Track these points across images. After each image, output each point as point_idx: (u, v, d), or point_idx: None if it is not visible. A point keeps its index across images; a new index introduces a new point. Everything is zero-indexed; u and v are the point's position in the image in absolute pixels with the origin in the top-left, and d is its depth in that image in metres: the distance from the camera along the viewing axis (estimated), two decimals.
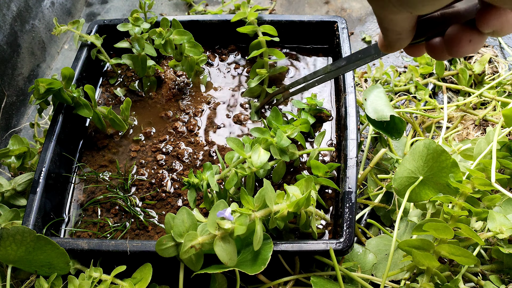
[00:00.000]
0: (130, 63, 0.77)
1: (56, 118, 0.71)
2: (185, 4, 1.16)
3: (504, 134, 0.65)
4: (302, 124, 0.68)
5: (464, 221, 0.58)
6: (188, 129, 0.76)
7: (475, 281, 0.62)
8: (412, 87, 0.87)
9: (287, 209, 0.53)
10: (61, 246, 0.57)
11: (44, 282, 0.57)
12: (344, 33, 0.78)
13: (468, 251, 0.53)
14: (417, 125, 0.82)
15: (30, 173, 0.74)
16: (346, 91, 0.70)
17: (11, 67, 0.90)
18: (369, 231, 0.72)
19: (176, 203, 0.69)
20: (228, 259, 0.49)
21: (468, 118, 0.84)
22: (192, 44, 0.76)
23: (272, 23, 0.82)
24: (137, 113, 0.79)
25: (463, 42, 0.29)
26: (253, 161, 0.59)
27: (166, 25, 0.75)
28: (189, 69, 0.78)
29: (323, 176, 0.64)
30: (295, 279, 0.60)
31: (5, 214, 0.67)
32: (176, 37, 0.74)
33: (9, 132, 0.89)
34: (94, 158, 0.75)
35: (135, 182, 0.71)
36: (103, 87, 0.83)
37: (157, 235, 0.66)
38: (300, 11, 1.12)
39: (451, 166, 0.58)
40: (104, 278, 0.57)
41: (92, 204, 0.70)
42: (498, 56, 0.95)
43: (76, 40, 0.78)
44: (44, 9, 1.01)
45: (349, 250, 0.56)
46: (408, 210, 0.68)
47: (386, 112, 0.65)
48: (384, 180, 0.76)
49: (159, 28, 0.73)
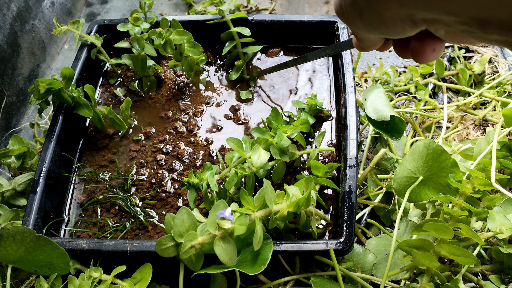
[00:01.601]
0: (130, 63, 0.77)
1: (56, 118, 0.71)
2: (185, 4, 1.16)
3: (504, 134, 0.65)
4: (302, 124, 0.68)
5: (464, 221, 0.58)
6: (188, 129, 0.76)
7: (475, 281, 0.62)
8: (412, 87, 0.87)
9: (287, 209, 0.53)
10: (61, 246, 0.57)
11: (44, 282, 0.57)
12: (344, 33, 0.78)
13: (468, 251, 0.53)
14: (417, 125, 0.82)
15: (30, 173, 0.74)
16: (346, 91, 0.70)
17: (11, 67, 0.90)
18: (369, 231, 0.72)
19: (176, 203, 0.69)
20: (228, 259, 0.49)
21: (468, 118, 0.84)
22: (192, 44, 0.76)
23: (272, 23, 0.82)
24: (137, 113, 0.79)
25: (427, 51, 0.30)
26: (253, 161, 0.59)
27: (166, 25, 0.75)
28: (189, 69, 0.78)
29: (323, 176, 0.64)
30: (295, 279, 0.60)
31: (5, 214, 0.67)
32: (175, 37, 0.74)
33: (9, 132, 0.89)
34: (94, 158, 0.75)
35: (135, 182, 0.71)
36: (103, 87, 0.83)
37: (157, 235, 0.66)
38: (300, 11, 1.12)
39: (451, 166, 0.58)
40: (104, 278, 0.57)
41: (92, 204, 0.70)
42: (498, 56, 0.95)
43: (76, 40, 0.78)
44: (44, 9, 1.01)
45: (349, 250, 0.56)
46: (408, 210, 0.68)
47: (386, 112, 0.65)
48: (384, 180, 0.76)
49: (159, 28, 0.73)
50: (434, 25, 0.25)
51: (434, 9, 0.23)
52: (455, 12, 0.23)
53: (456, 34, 0.25)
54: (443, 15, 0.23)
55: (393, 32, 0.27)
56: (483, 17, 0.22)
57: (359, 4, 0.27)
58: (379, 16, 0.26)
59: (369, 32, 0.30)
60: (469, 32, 0.24)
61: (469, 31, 0.24)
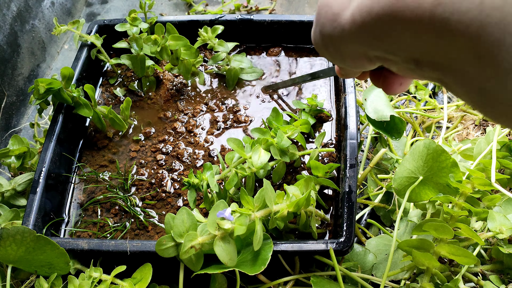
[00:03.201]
0: (129, 63, 0.77)
1: (56, 118, 0.71)
2: (185, 4, 1.16)
3: (504, 134, 0.65)
4: (302, 125, 0.68)
5: (464, 221, 0.58)
6: (187, 129, 0.76)
7: (475, 281, 0.62)
8: (412, 87, 0.87)
9: (287, 209, 0.53)
10: (61, 246, 0.57)
11: (44, 282, 0.57)
12: None
13: (468, 251, 0.53)
14: (417, 125, 0.82)
15: (30, 173, 0.74)
16: (346, 91, 0.70)
17: (11, 67, 0.90)
18: (369, 231, 0.72)
19: (176, 203, 0.69)
20: (228, 259, 0.49)
21: (468, 118, 0.84)
22: (187, 48, 0.76)
23: (272, 23, 0.82)
24: (136, 113, 0.79)
25: (395, 85, 0.35)
26: (254, 161, 0.59)
27: (161, 31, 0.75)
28: (186, 71, 0.78)
29: (323, 177, 0.64)
30: (295, 279, 0.60)
31: (5, 214, 0.67)
32: (171, 42, 0.74)
33: (9, 132, 0.89)
34: (94, 158, 0.75)
35: (135, 182, 0.71)
36: (103, 87, 0.83)
37: (157, 235, 0.66)
38: (300, 11, 1.12)
39: (451, 166, 0.58)
40: (104, 278, 0.57)
41: (92, 204, 0.70)
42: None
43: (76, 40, 0.78)
44: (44, 9, 1.01)
45: (349, 250, 0.56)
46: (408, 210, 0.68)
47: (386, 112, 0.65)
48: (384, 180, 0.76)
49: (154, 36, 0.73)
50: (385, 62, 0.28)
51: (378, 48, 0.26)
52: (394, 51, 0.25)
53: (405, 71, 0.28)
54: (387, 54, 0.26)
55: (354, 66, 0.31)
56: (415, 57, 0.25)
57: (324, 41, 0.30)
58: (340, 52, 0.30)
59: (338, 64, 0.33)
60: (412, 70, 0.26)
61: (411, 68, 0.26)
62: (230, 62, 0.80)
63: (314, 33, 0.32)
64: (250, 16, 0.83)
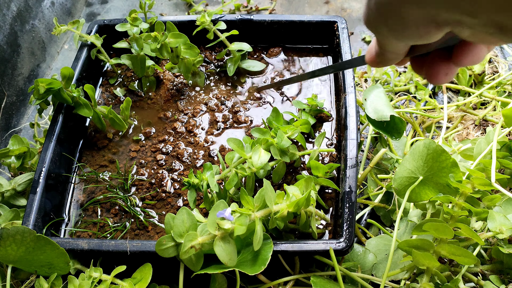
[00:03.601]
0: (129, 63, 0.77)
1: (56, 118, 0.71)
2: (185, 4, 1.16)
3: (504, 134, 0.65)
4: (302, 125, 0.68)
5: (464, 221, 0.58)
6: (187, 129, 0.76)
7: (475, 281, 0.62)
8: (412, 87, 0.87)
9: (287, 209, 0.53)
10: (61, 246, 0.57)
11: (44, 282, 0.57)
12: (344, 33, 0.78)
13: (468, 251, 0.53)
14: (417, 125, 0.82)
15: (30, 173, 0.74)
16: (346, 91, 0.70)
17: (11, 67, 0.90)
18: (369, 231, 0.72)
19: (176, 203, 0.69)
20: (228, 259, 0.49)
21: (468, 118, 0.84)
22: (188, 46, 0.76)
23: (272, 23, 0.82)
24: (136, 113, 0.79)
25: (440, 75, 0.32)
26: (254, 161, 0.59)
27: (161, 28, 0.75)
28: (186, 71, 0.78)
29: (323, 177, 0.64)
30: (295, 279, 0.60)
31: (5, 214, 0.67)
32: (171, 40, 0.74)
33: (9, 132, 0.89)
34: (94, 158, 0.75)
35: (135, 182, 0.71)
36: (103, 87, 0.83)
37: (157, 235, 0.66)
38: (300, 11, 1.12)
39: (451, 166, 0.58)
40: (104, 278, 0.57)
41: (92, 204, 0.70)
42: (498, 56, 0.95)
43: (76, 40, 0.78)
44: (44, 9, 1.01)
45: (349, 250, 0.56)
46: (408, 210, 0.68)
47: (386, 112, 0.65)
48: (384, 180, 0.76)
49: (154, 33, 0.73)
50: (457, 27, 0.25)
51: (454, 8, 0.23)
52: (473, 13, 0.23)
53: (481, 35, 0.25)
54: (464, 16, 0.23)
55: (417, 36, 0.28)
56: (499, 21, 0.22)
57: (381, 10, 0.27)
58: (402, 19, 0.27)
59: (396, 38, 0.30)
60: (491, 34, 0.24)
61: (491, 33, 0.24)
62: (230, 47, 0.80)
63: (367, 7, 0.29)
64: (250, 16, 0.83)
